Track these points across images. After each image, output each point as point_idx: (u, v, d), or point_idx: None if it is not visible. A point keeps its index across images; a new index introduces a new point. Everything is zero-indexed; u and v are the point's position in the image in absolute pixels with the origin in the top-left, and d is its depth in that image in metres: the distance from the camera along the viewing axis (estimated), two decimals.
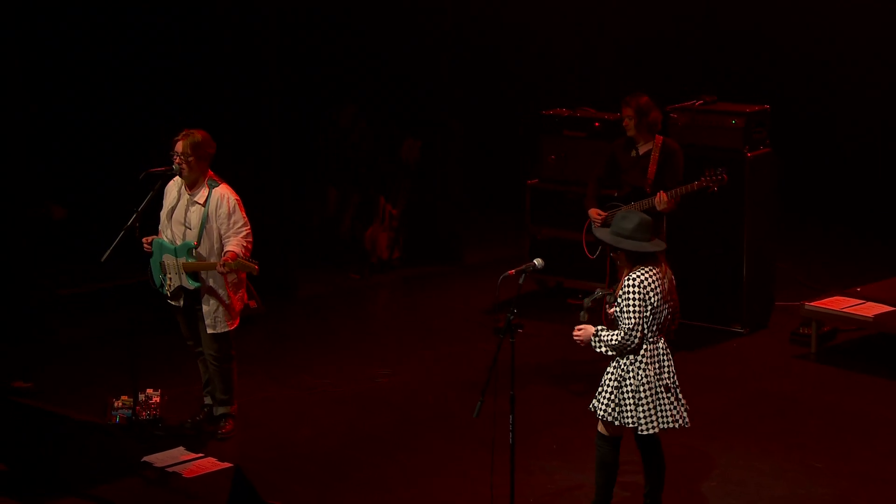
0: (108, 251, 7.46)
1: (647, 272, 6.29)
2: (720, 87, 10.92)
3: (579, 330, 6.45)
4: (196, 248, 7.58)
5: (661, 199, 8.60)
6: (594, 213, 9.02)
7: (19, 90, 9.14)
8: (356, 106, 12.18)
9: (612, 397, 6.39)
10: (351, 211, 12.05)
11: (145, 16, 10.46)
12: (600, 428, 6.57)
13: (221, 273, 7.52)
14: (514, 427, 6.37)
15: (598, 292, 6.90)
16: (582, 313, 7.82)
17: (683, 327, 9.43)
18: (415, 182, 11.81)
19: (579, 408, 8.00)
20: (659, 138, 8.87)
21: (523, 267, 6.54)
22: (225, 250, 7.54)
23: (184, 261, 7.59)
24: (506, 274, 6.53)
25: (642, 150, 8.90)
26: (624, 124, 8.86)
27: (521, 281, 6.48)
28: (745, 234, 9.52)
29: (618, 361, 6.39)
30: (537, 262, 6.56)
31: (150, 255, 7.77)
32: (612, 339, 6.34)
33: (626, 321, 6.27)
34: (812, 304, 9.32)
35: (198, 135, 7.62)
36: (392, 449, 7.82)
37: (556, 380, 8.90)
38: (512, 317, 6.33)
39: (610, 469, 6.58)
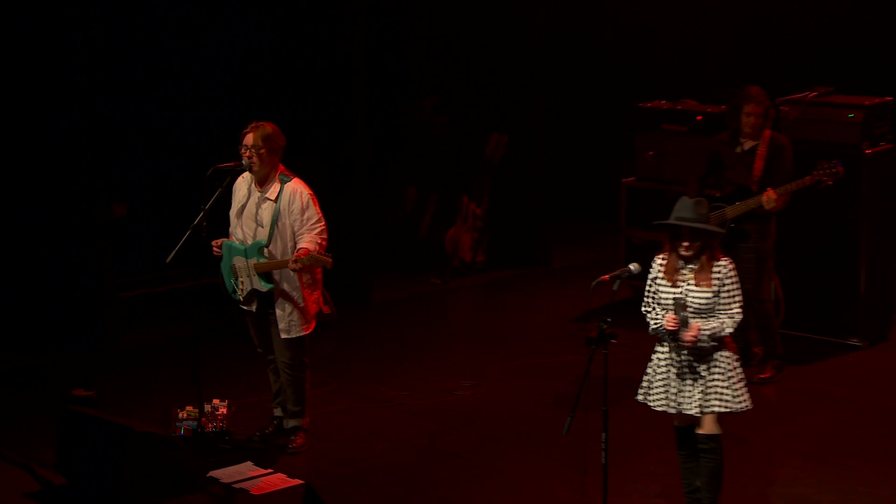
0: (174, 252, 7.52)
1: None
2: (837, 77, 10.75)
3: (687, 331, 6.45)
4: (267, 247, 7.63)
5: (769, 198, 8.50)
6: None
7: (92, 87, 9.39)
8: (437, 98, 12.22)
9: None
10: (431, 210, 12.09)
11: (220, 8, 10.67)
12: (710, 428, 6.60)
13: (294, 270, 7.54)
14: (607, 446, 6.33)
15: (633, 268, 6.67)
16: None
17: (792, 340, 9.43)
18: (500, 180, 11.82)
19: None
20: (767, 132, 8.77)
21: (618, 272, 6.50)
22: (298, 247, 7.57)
23: (255, 261, 7.64)
24: (599, 279, 6.50)
25: (748, 145, 8.80)
26: (751, 122, 8.64)
27: (615, 287, 6.45)
28: (863, 239, 9.39)
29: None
30: (633, 266, 6.51)
31: (220, 259, 7.82)
32: (725, 329, 6.39)
33: (736, 305, 6.38)
34: None
35: (268, 126, 7.66)
36: (472, 467, 7.79)
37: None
38: (605, 326, 6.30)
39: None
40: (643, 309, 6.64)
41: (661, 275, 6.53)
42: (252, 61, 10.54)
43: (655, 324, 6.55)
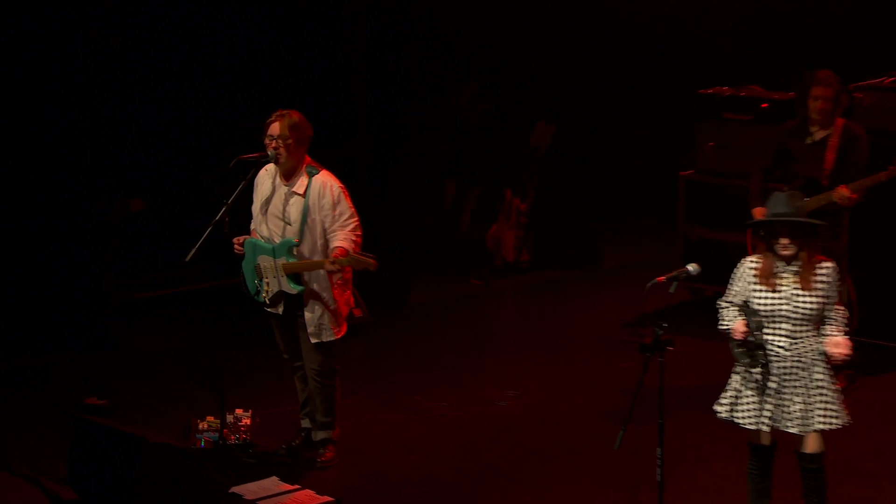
0: (194, 250, 7.49)
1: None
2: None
3: (838, 346, 6.33)
4: (297, 246, 7.62)
5: (842, 195, 8.42)
6: (759, 213, 8.86)
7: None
8: (477, 84, 12.23)
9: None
10: (471, 205, 12.12)
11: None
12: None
13: (331, 272, 7.54)
14: (663, 462, 6.32)
15: (691, 269, 6.64)
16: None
17: (867, 347, 9.34)
18: (547, 172, 11.80)
19: (741, 439, 7.87)
20: (839, 121, 8.66)
21: (675, 273, 6.47)
22: (332, 246, 7.55)
23: (284, 261, 7.63)
24: (654, 281, 6.46)
25: (818, 135, 8.71)
26: (819, 107, 8.55)
27: (672, 289, 6.42)
28: None
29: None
30: (691, 267, 6.48)
31: (242, 257, 7.81)
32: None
33: (840, 306, 6.32)
34: None
35: (294, 115, 7.65)
36: (514, 483, 7.77)
37: (711, 406, 8.76)
38: (661, 332, 6.27)
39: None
40: (719, 303, 6.51)
41: (754, 279, 6.40)
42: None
43: (727, 328, 6.43)
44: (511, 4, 11.83)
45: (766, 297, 6.34)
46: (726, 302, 6.51)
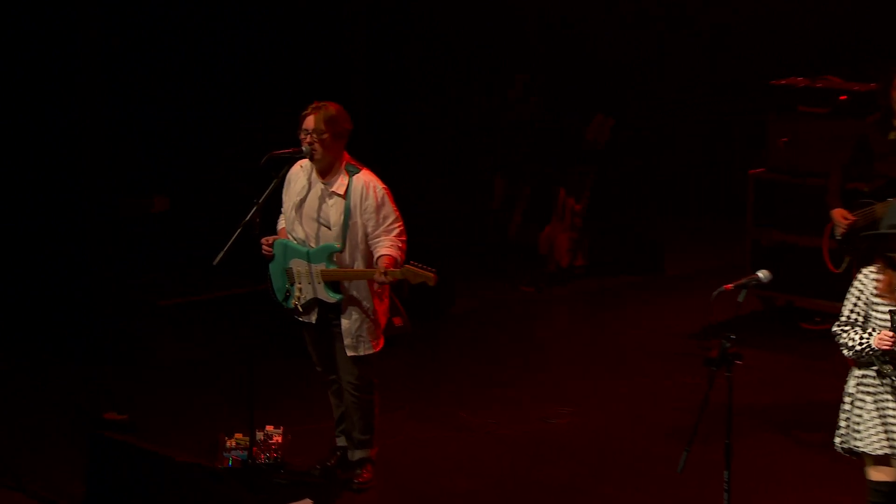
0: (222, 253, 7.42)
1: None
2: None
3: None
4: (339, 252, 7.59)
5: None
6: (839, 215, 8.81)
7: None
8: (528, 75, 12.21)
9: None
10: (522, 206, 12.09)
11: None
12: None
13: (383, 283, 7.52)
14: (730, 487, 6.29)
15: (762, 275, 6.62)
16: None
17: None
18: (604, 170, 11.77)
19: (818, 463, 7.83)
20: None
21: (744, 280, 6.44)
22: (379, 254, 7.52)
23: (323, 267, 7.62)
24: (721, 289, 6.43)
25: None
26: None
27: (740, 298, 6.38)
28: None
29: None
30: (762, 274, 6.46)
31: (271, 259, 7.81)
32: None
33: None
34: None
35: (331, 108, 7.60)
36: None
37: (785, 426, 8.73)
38: (728, 344, 6.23)
39: None
40: (836, 329, 6.45)
41: (873, 293, 6.33)
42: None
43: (861, 346, 6.38)
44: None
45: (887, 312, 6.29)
46: (846, 324, 6.42)
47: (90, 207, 10.17)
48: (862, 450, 6.39)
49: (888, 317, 6.26)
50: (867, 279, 6.37)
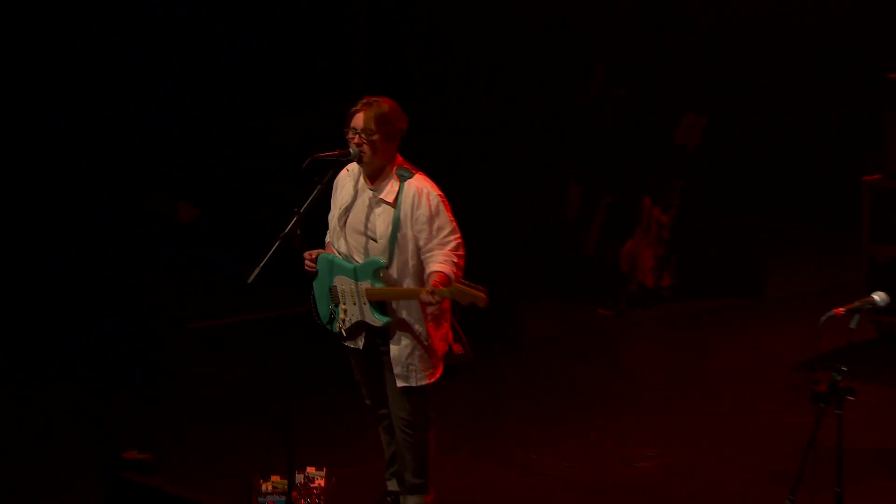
0: (257, 270, 7.33)
1: None
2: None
3: None
4: (386, 268, 7.54)
5: None
6: None
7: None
8: (607, 67, 12.17)
9: None
10: (601, 217, 12.08)
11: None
12: None
13: (430, 303, 7.46)
14: None
15: (878, 298, 6.60)
16: None
17: None
18: (695, 176, 11.70)
19: None
20: None
21: (858, 303, 6.39)
22: (430, 270, 7.47)
23: (368, 285, 7.59)
24: (831, 313, 6.40)
25: None
26: None
27: (853, 324, 6.33)
28: None
29: None
30: (879, 297, 6.42)
31: (314, 276, 7.79)
32: None
33: None
34: None
35: (384, 104, 7.56)
36: None
37: None
38: (839, 377, 6.20)
39: None
40: None
41: None
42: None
43: None
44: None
45: None
46: None
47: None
48: None
49: None
50: None
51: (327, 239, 7.88)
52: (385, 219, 7.54)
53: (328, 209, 7.86)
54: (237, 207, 11.94)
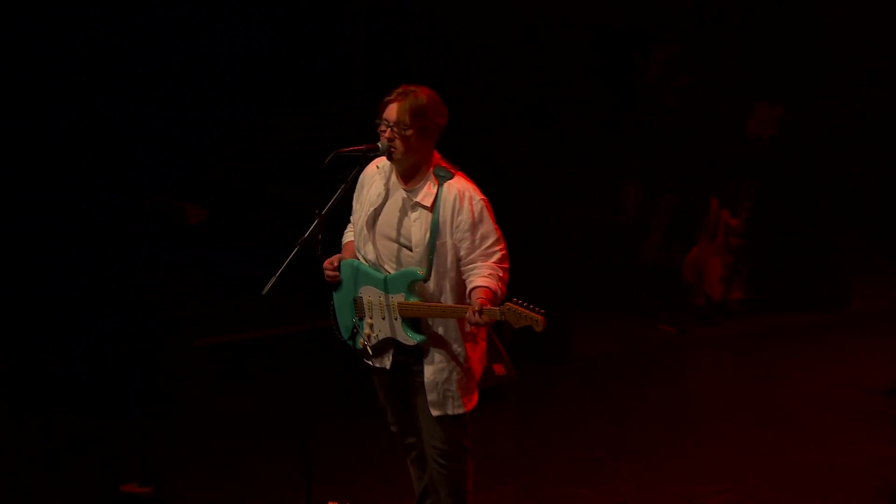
0: (273, 280, 7.23)
1: None
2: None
3: None
4: (424, 281, 7.43)
5: None
6: None
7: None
8: (670, 49, 12.15)
9: None
10: (662, 220, 12.05)
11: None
12: None
13: (477, 324, 7.25)
14: None
15: None
16: None
17: None
18: (770, 175, 11.64)
19: None
20: None
21: None
22: (473, 286, 7.36)
23: (401, 299, 7.50)
24: None
25: None
26: None
27: None
28: None
29: None
30: None
31: (337, 286, 7.75)
32: None
33: None
34: None
35: (422, 95, 7.43)
36: None
37: None
38: None
39: None
40: None
41: None
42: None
43: None
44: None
45: None
46: None
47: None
48: None
49: None
50: None
51: (344, 240, 7.83)
52: (422, 225, 7.46)
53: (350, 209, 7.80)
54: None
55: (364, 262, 7.66)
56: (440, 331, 7.49)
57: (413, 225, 7.45)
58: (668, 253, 11.99)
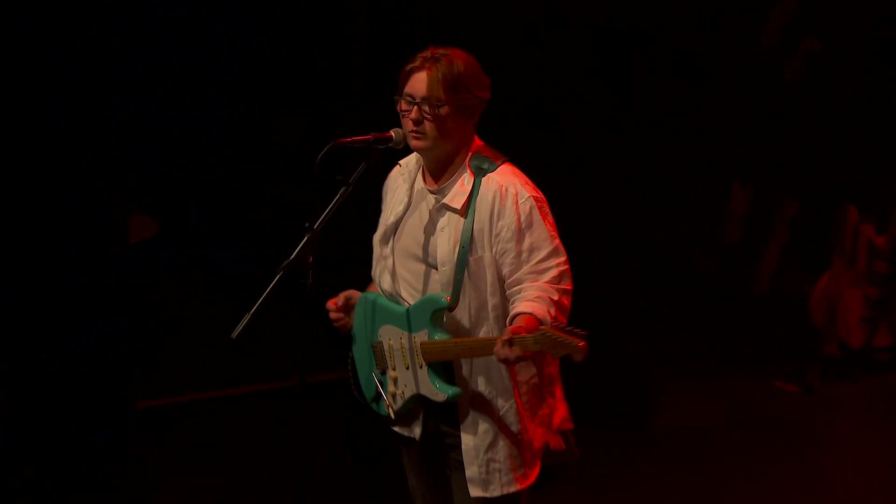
0: (245, 320, 7.10)
1: None
2: None
3: None
4: (450, 309, 7.23)
5: None
6: None
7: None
8: (795, 5, 11.82)
9: None
10: (781, 238, 11.72)
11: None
12: None
13: (506, 360, 6.95)
14: None
15: None
16: None
17: None
18: None
19: None
20: None
21: None
22: (515, 312, 7.05)
23: (424, 338, 7.23)
24: None
25: None
26: None
27: None
28: None
29: None
30: None
31: (348, 330, 7.67)
32: None
33: None
34: None
35: (458, 61, 7.34)
36: None
37: None
38: None
39: None
40: None
41: None
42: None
43: None
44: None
45: None
46: None
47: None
48: None
49: None
50: None
51: (373, 273, 7.70)
52: (450, 234, 7.29)
53: (370, 226, 7.80)
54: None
55: (383, 293, 7.50)
56: (481, 385, 7.34)
57: (440, 235, 7.31)
58: (789, 282, 11.59)
